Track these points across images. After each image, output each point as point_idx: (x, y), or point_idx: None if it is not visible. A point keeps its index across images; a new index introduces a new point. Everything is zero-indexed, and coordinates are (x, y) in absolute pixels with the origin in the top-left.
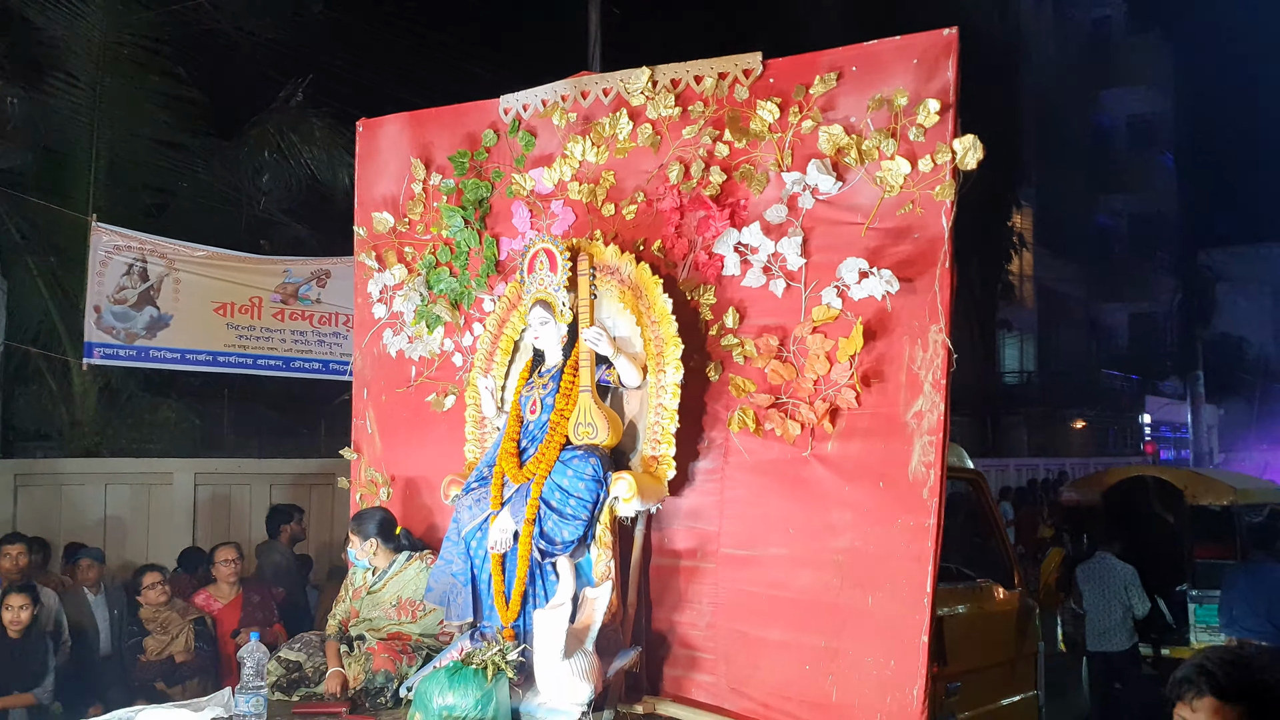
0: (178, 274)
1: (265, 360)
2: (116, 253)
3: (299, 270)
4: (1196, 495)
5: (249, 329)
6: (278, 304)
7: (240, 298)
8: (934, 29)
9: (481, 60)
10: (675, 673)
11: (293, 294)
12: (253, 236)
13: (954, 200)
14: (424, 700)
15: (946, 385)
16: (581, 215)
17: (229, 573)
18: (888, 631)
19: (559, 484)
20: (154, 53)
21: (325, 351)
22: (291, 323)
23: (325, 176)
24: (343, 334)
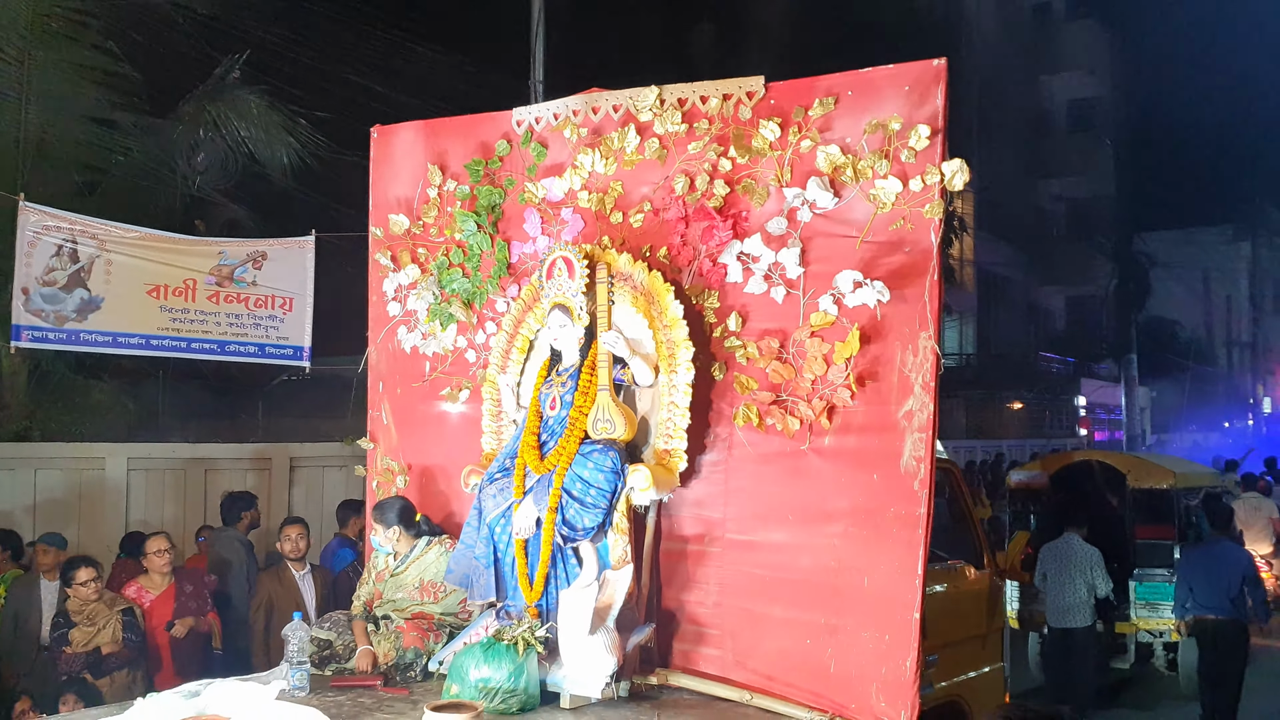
0: (109, 255)
1: (200, 344)
2: (45, 233)
3: (235, 252)
4: (1139, 479)
5: (183, 312)
6: (213, 286)
7: (174, 280)
8: (924, 58)
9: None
10: (684, 647)
11: (228, 276)
12: (187, 217)
13: (942, 218)
14: (460, 673)
15: (935, 387)
16: (590, 222)
17: (162, 563)
18: (882, 609)
19: (580, 475)
20: (85, 26)
21: (262, 335)
22: (227, 305)
23: (263, 155)
24: (279, 317)
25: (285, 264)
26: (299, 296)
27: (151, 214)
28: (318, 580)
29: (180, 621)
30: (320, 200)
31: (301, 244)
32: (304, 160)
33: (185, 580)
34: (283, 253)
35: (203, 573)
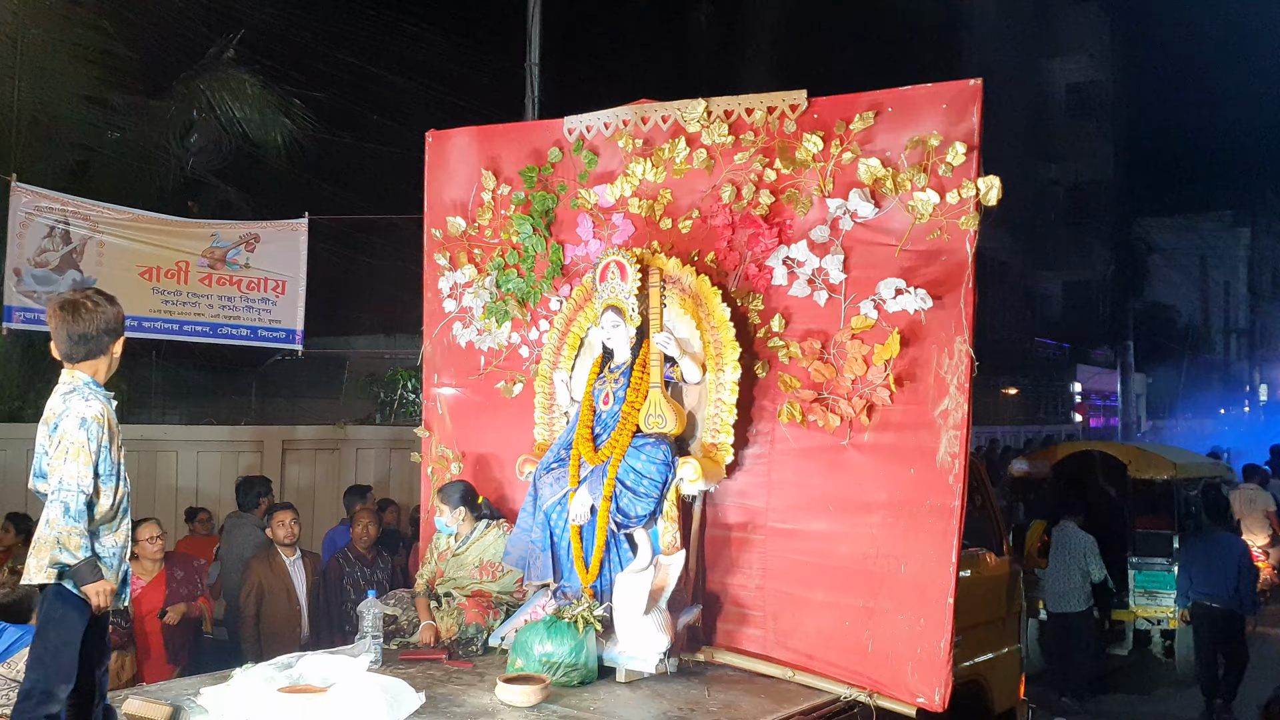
0: (101, 236)
1: (192, 326)
2: (38, 214)
3: (227, 234)
4: (1139, 470)
5: (175, 294)
6: (205, 268)
7: (166, 262)
8: (961, 78)
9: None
10: (728, 627)
11: (221, 259)
12: (180, 198)
13: (976, 230)
14: (525, 648)
15: (969, 388)
16: (640, 227)
17: (154, 550)
18: (918, 594)
19: (633, 466)
20: (78, 5)
21: (254, 318)
22: (219, 288)
23: (257, 136)
24: (272, 300)
25: (278, 246)
26: (291, 279)
27: (144, 195)
28: (308, 566)
29: (173, 609)
30: (314, 182)
31: (294, 226)
32: (298, 141)
33: (176, 566)
34: (275, 235)
35: (193, 558)
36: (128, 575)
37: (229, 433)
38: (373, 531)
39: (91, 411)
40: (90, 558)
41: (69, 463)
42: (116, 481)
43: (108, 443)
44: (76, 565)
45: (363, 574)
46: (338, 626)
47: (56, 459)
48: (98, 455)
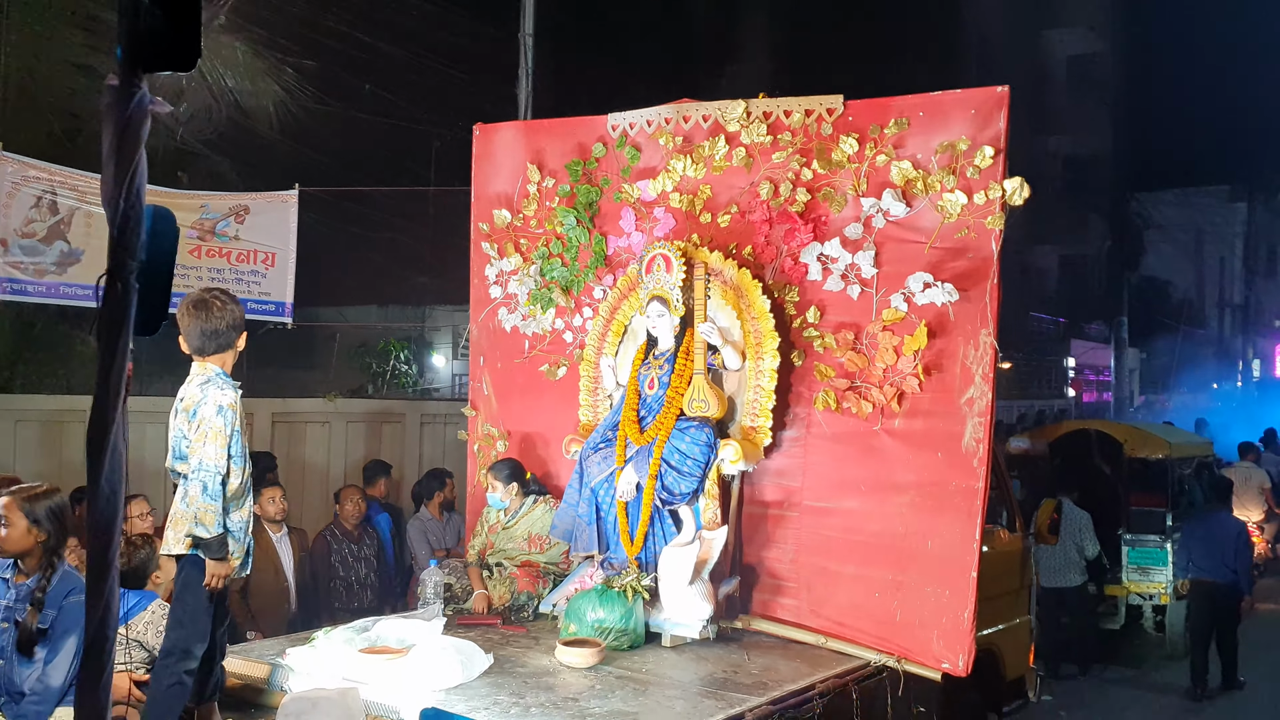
0: (90, 207)
1: (181, 298)
2: (25, 184)
3: (217, 205)
4: (1135, 448)
5: None
6: (194, 240)
7: None
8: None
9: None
10: (764, 597)
11: (210, 230)
12: (169, 169)
13: (1002, 229)
14: (578, 614)
15: (993, 377)
16: (681, 221)
17: (144, 528)
18: (943, 568)
19: (678, 447)
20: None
21: (243, 290)
22: (209, 260)
23: (248, 105)
24: (261, 272)
25: (268, 218)
26: (281, 251)
27: None
28: (295, 543)
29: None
30: (305, 153)
31: (284, 198)
32: (290, 111)
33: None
34: (265, 206)
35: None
36: (250, 548)
37: None
38: (361, 508)
39: (227, 400)
40: (221, 534)
41: (208, 445)
42: (244, 463)
43: (239, 428)
44: (209, 540)
45: (350, 550)
46: (326, 604)
47: (196, 442)
48: (231, 439)
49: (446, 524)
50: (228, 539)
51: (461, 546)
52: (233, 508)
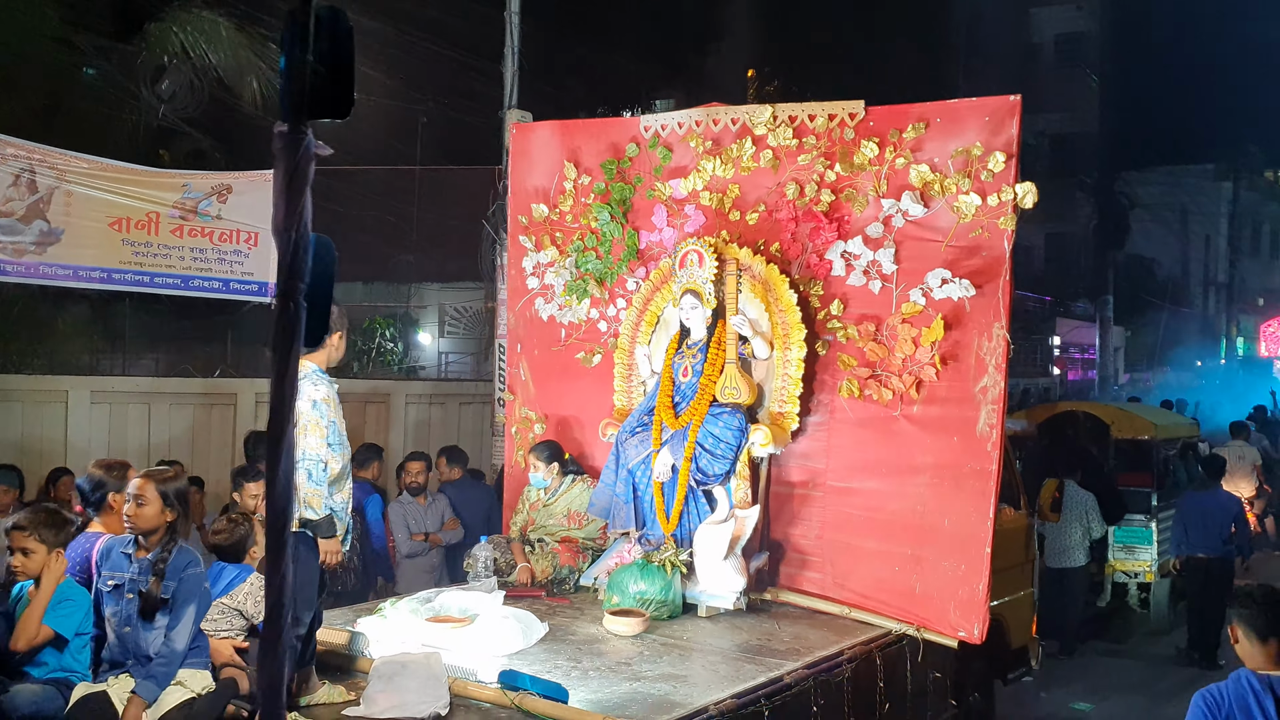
0: (69, 186)
1: (163, 279)
2: (3, 162)
3: (199, 185)
4: (1122, 430)
5: (145, 245)
6: (176, 220)
7: (136, 212)
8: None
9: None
10: (790, 571)
11: (192, 210)
12: (151, 147)
13: (1014, 229)
14: (620, 586)
15: (1005, 367)
16: (711, 218)
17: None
18: (960, 544)
19: (712, 432)
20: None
21: (226, 270)
22: (191, 240)
23: (231, 82)
24: (244, 252)
25: (251, 197)
26: (264, 231)
27: (113, 143)
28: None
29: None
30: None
31: (267, 177)
32: (274, 88)
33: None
34: (248, 186)
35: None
36: (350, 526)
37: (201, 385)
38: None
39: (320, 394)
40: (328, 515)
41: (308, 437)
42: (342, 449)
43: (335, 419)
44: (318, 521)
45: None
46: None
47: (298, 435)
48: (329, 429)
49: (429, 507)
50: (333, 519)
51: (443, 530)
52: (333, 490)
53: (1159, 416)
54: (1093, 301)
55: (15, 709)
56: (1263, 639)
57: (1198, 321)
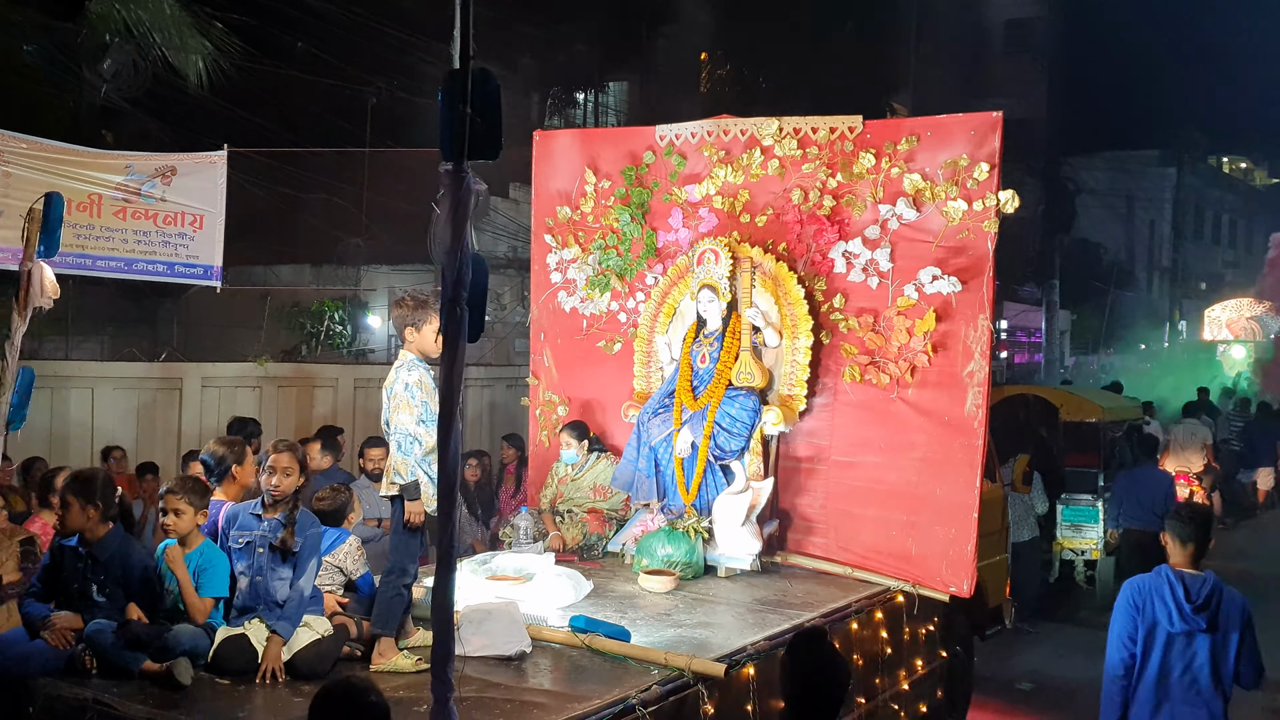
0: (7, 167)
1: (105, 261)
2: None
3: (142, 166)
4: (1070, 412)
5: (88, 229)
6: (119, 202)
7: (78, 194)
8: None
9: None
10: (797, 536)
11: (136, 191)
12: (94, 128)
13: (996, 232)
14: (649, 550)
15: (989, 354)
16: (723, 220)
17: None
18: (950, 511)
19: (728, 412)
20: None
21: (170, 253)
22: (134, 222)
23: (176, 63)
24: (189, 234)
25: (196, 179)
26: (210, 214)
27: (54, 124)
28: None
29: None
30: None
31: (213, 159)
32: (220, 69)
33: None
34: (193, 167)
35: None
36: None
37: (146, 369)
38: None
39: (412, 379)
40: (415, 481)
41: (400, 414)
42: (433, 425)
43: (426, 399)
44: (407, 484)
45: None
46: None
47: (393, 411)
48: (421, 408)
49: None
50: (421, 484)
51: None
52: (428, 461)
53: (1106, 399)
54: (1039, 285)
55: (179, 644)
56: (1183, 544)
57: (1142, 305)
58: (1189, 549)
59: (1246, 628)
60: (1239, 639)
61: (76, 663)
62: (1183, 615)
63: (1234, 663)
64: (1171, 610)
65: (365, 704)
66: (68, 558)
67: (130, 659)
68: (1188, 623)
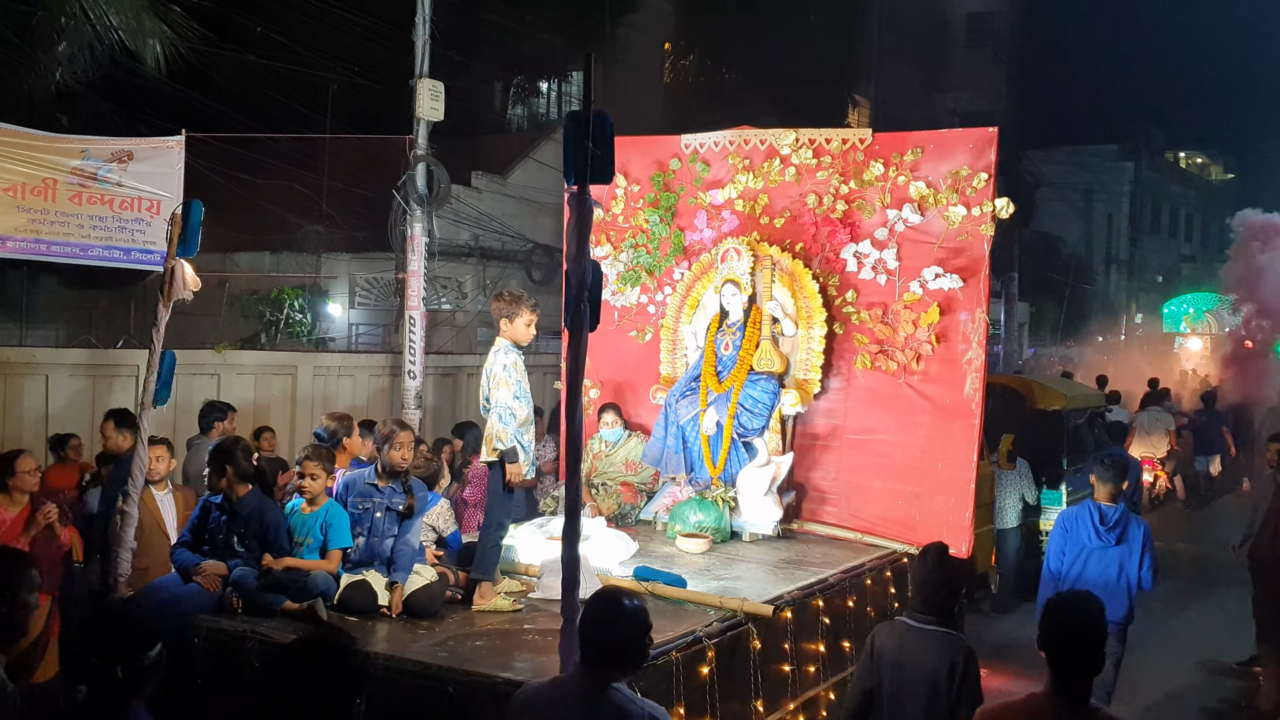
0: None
1: (60, 246)
2: None
3: (98, 150)
4: (1036, 400)
5: (42, 213)
6: (75, 186)
7: (33, 179)
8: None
9: None
10: (812, 506)
11: (91, 176)
12: (48, 111)
13: (992, 235)
14: (681, 517)
15: (985, 343)
16: (744, 222)
17: (33, 483)
18: (950, 483)
19: (751, 394)
20: None
21: (126, 239)
22: (90, 207)
23: (133, 46)
24: (145, 220)
25: (152, 164)
26: (167, 199)
27: (8, 107)
28: (179, 500)
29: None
30: (194, 97)
31: (170, 144)
32: (178, 53)
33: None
34: (150, 152)
35: (61, 489)
36: (534, 459)
37: (103, 356)
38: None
39: (509, 361)
40: (513, 447)
41: (499, 390)
42: (526, 401)
43: (520, 379)
44: (506, 450)
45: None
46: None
47: (493, 389)
48: (516, 386)
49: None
50: (518, 450)
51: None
52: (523, 432)
53: (1069, 388)
54: (998, 278)
55: (315, 586)
56: (1103, 484)
57: (1100, 298)
58: (1108, 488)
59: (1147, 545)
60: (1141, 552)
61: (225, 603)
62: (1099, 535)
63: (1137, 569)
64: (1090, 531)
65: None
66: (213, 514)
67: (272, 600)
68: (1103, 540)
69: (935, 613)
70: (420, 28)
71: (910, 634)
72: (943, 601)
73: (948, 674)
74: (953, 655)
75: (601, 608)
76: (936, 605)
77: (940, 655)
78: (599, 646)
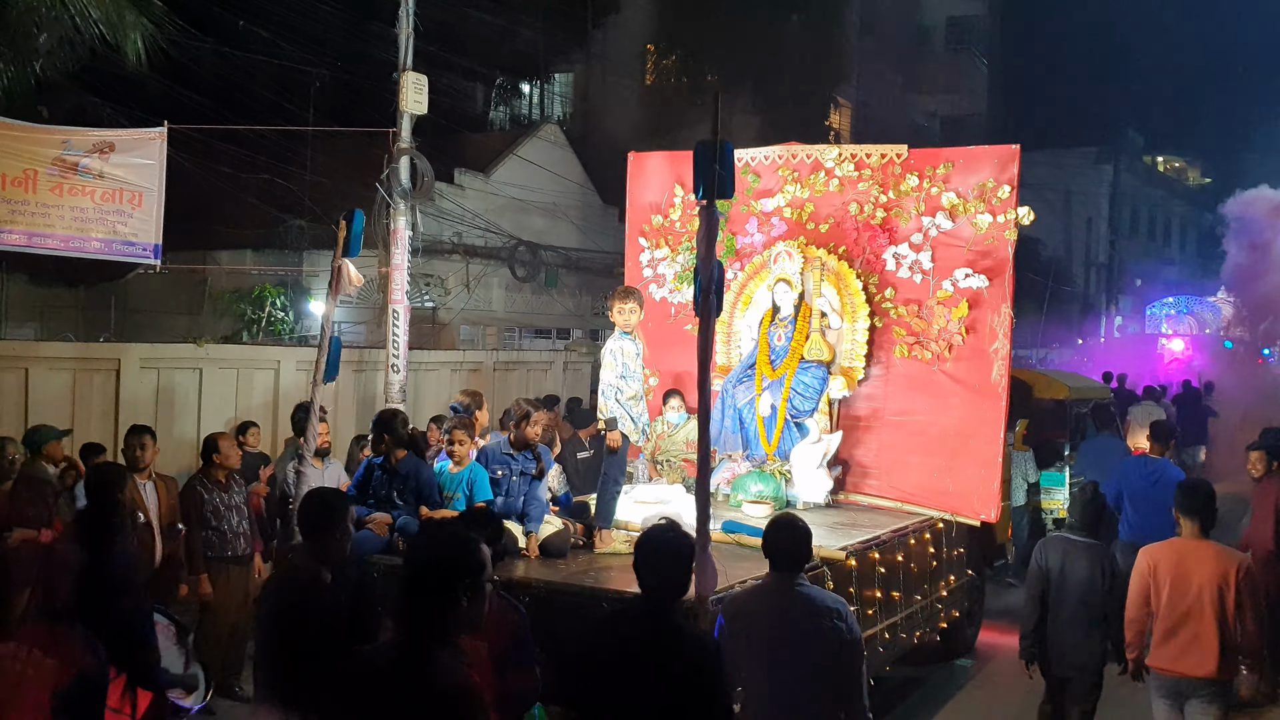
0: None
1: (41, 238)
2: None
3: (80, 141)
4: (1041, 390)
5: (23, 204)
6: (56, 177)
7: (13, 170)
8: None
9: None
10: (855, 479)
11: (73, 167)
12: (29, 102)
13: (1015, 239)
14: (743, 487)
15: (1010, 335)
16: (792, 227)
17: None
18: (979, 457)
19: (802, 379)
20: None
21: (108, 231)
22: (71, 198)
23: (116, 38)
24: (127, 212)
25: (134, 156)
26: (149, 191)
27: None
28: (161, 490)
29: (18, 531)
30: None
31: (152, 136)
32: (159, 44)
33: (23, 487)
34: (132, 144)
35: (44, 482)
36: (645, 427)
37: (84, 349)
38: (234, 460)
39: (615, 346)
40: (614, 418)
41: (606, 371)
42: (633, 380)
43: (626, 360)
44: (609, 419)
45: (221, 500)
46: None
47: (603, 370)
48: (621, 367)
49: (325, 471)
50: (617, 420)
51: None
52: (631, 405)
53: (1072, 380)
54: None
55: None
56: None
57: (1079, 300)
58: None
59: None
60: None
61: (393, 545)
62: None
63: None
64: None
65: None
66: (375, 473)
67: None
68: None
69: (1088, 530)
70: (404, 20)
71: (1071, 546)
72: (1093, 521)
73: (1100, 576)
74: (1103, 562)
75: (786, 529)
76: (1089, 524)
77: (1093, 562)
78: (790, 555)
